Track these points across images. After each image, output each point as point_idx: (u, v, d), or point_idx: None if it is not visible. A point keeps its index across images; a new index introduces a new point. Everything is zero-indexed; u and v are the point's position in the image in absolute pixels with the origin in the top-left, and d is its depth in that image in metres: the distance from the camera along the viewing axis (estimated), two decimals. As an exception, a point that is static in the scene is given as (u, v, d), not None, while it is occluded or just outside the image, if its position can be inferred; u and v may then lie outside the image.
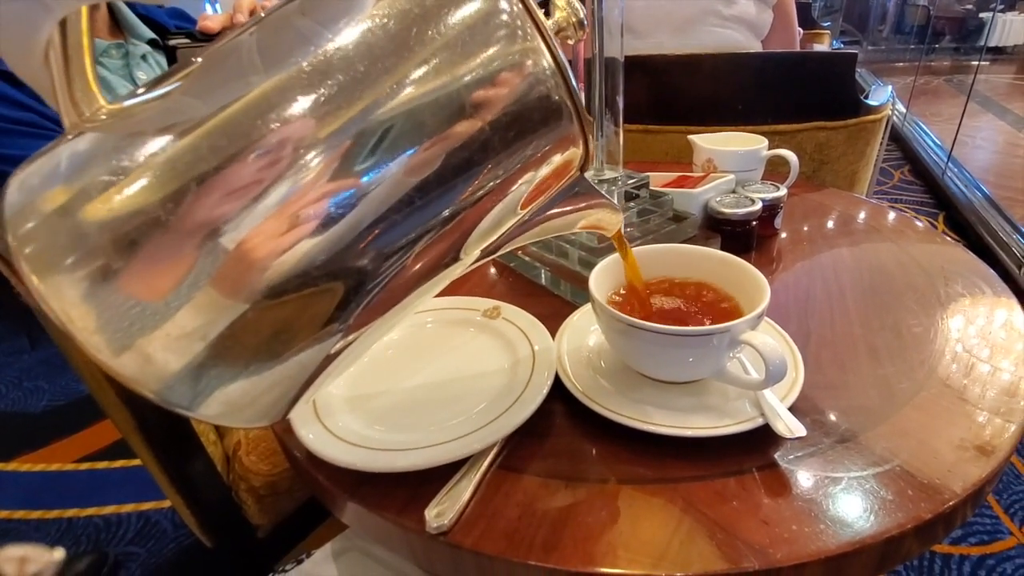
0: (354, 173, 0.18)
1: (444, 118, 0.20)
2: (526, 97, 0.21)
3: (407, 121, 0.19)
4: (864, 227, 0.66)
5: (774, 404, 0.35)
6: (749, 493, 0.33)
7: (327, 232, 0.18)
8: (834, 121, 0.98)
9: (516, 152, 0.21)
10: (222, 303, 0.18)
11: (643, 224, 0.58)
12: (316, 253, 0.18)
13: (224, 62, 0.20)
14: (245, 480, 0.72)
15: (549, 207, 0.26)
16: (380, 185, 0.19)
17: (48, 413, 1.63)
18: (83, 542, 1.20)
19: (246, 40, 0.20)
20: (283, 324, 0.19)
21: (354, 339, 0.22)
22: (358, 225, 0.19)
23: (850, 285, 0.53)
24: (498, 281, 0.60)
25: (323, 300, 0.20)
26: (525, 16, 0.21)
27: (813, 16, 2.74)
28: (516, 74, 0.20)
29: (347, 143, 0.18)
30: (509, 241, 0.27)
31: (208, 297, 0.18)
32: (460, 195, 0.21)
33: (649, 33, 1.10)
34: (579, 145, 0.24)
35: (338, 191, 0.18)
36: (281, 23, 0.20)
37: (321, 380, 0.23)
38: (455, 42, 0.20)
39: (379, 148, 0.19)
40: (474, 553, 0.31)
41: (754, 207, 0.57)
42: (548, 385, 0.39)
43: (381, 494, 0.34)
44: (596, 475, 0.35)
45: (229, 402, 0.20)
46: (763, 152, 0.66)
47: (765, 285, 0.37)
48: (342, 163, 0.18)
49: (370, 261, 0.20)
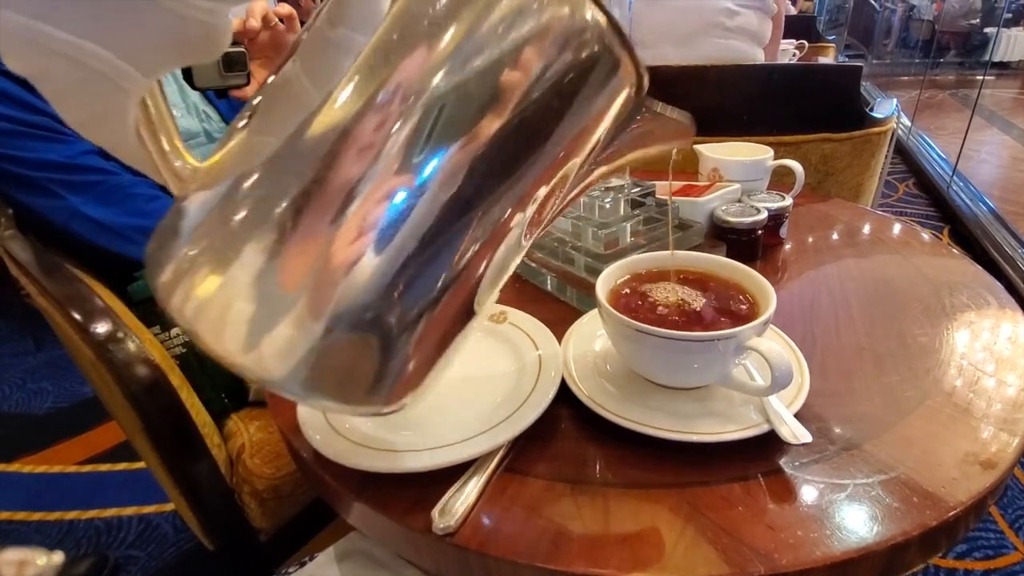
0: (434, 156, 0.19)
1: (502, 91, 0.19)
2: (571, 40, 0.20)
3: (463, 102, 0.19)
4: (869, 238, 0.67)
5: (780, 410, 0.36)
6: (754, 498, 0.33)
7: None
8: (839, 133, 0.98)
9: (575, 95, 0.21)
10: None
11: (649, 232, 0.59)
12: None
13: (280, 95, 0.21)
14: (248, 483, 0.72)
15: (621, 134, 0.25)
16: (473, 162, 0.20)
17: (52, 415, 1.64)
18: (84, 544, 1.20)
19: (291, 69, 0.21)
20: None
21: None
22: (458, 206, 0.20)
23: (855, 294, 0.54)
24: (505, 287, 0.60)
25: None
26: None
27: (818, 29, 2.76)
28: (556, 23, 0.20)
29: (415, 135, 0.19)
30: (597, 168, 0.26)
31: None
32: (544, 155, 0.21)
33: (653, 45, 1.11)
34: (630, 69, 0.22)
35: (419, 187, 0.19)
36: (317, 41, 0.21)
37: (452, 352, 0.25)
38: (485, 14, 0.19)
39: (446, 132, 0.19)
40: (480, 555, 0.31)
41: (760, 216, 0.58)
42: (554, 389, 0.39)
43: (387, 495, 0.35)
44: (601, 479, 0.35)
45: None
46: (769, 162, 0.67)
47: (771, 291, 0.38)
48: (413, 152, 0.19)
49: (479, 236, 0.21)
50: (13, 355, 1.94)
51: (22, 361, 1.90)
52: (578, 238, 0.59)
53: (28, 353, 1.94)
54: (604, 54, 0.21)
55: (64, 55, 0.16)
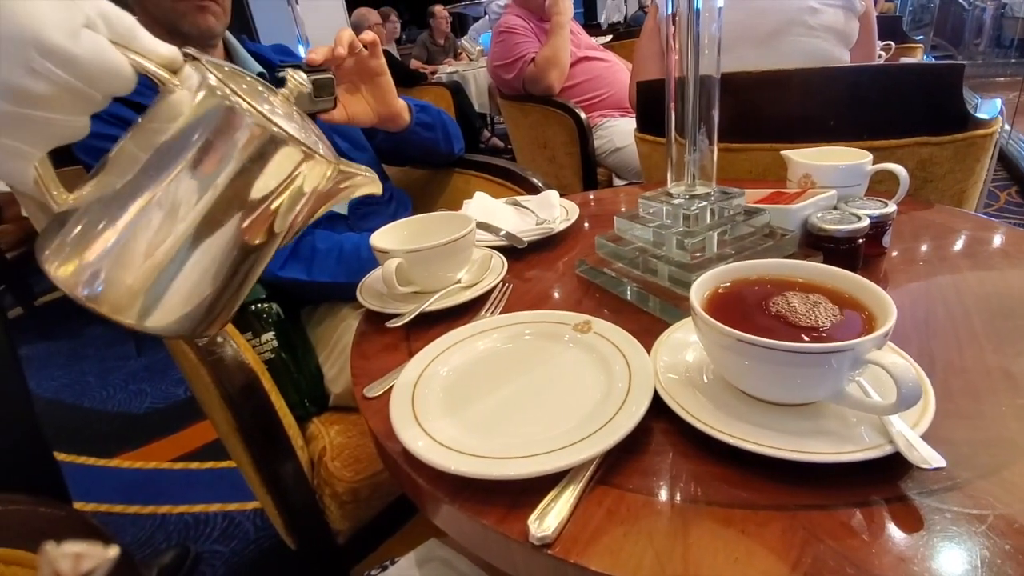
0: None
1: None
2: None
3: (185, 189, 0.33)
4: (987, 247, 0.61)
5: (905, 432, 0.33)
6: (879, 526, 0.30)
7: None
8: (940, 136, 0.91)
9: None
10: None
11: (737, 241, 0.56)
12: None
13: (117, 160, 0.34)
14: (330, 485, 0.74)
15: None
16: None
17: (149, 414, 1.78)
18: (173, 537, 1.29)
19: (124, 145, 0.34)
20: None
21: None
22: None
23: (976, 309, 0.49)
24: (584, 297, 0.60)
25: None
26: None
27: (904, 30, 2.59)
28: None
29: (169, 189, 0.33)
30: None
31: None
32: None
33: (730, 48, 1.07)
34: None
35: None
36: (147, 132, 0.34)
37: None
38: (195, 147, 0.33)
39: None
40: (579, 568, 0.30)
41: (860, 223, 0.54)
42: (648, 400, 0.38)
43: (480, 501, 0.34)
44: (703, 496, 0.33)
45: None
46: (867, 167, 0.63)
47: (889, 302, 0.35)
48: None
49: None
50: (117, 358, 2.12)
51: (124, 364, 2.08)
52: (660, 247, 0.58)
53: (130, 357, 2.12)
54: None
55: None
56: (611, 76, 1.90)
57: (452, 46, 5.13)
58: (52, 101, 0.30)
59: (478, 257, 0.65)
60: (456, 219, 0.64)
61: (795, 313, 0.37)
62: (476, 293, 0.59)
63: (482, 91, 4.04)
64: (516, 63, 1.84)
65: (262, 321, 0.80)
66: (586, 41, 1.98)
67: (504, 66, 1.88)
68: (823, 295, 0.39)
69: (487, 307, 0.59)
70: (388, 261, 0.56)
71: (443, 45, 5.11)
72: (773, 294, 0.40)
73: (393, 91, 0.88)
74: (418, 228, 0.64)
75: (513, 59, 1.85)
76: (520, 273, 0.67)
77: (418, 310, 0.55)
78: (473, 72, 4.04)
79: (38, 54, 0.28)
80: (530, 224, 0.77)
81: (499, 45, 1.89)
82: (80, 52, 0.29)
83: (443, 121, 1.03)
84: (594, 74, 1.88)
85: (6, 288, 2.44)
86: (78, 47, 0.29)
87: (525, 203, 0.83)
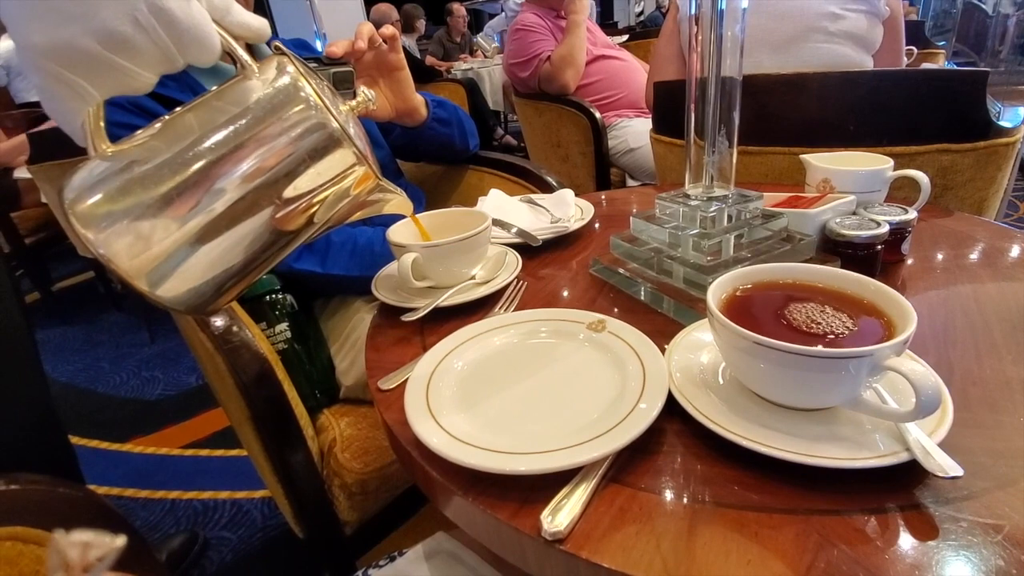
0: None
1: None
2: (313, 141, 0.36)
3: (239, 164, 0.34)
4: (1006, 257, 0.60)
5: (922, 439, 0.32)
6: (893, 533, 0.30)
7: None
8: (961, 144, 0.90)
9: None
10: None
11: (754, 244, 0.56)
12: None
13: (171, 126, 0.35)
14: (339, 476, 0.75)
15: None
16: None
17: (161, 401, 1.80)
18: (183, 522, 1.30)
19: (183, 115, 0.35)
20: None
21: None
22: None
23: (997, 319, 0.48)
24: (598, 296, 0.60)
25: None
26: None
27: (925, 34, 2.55)
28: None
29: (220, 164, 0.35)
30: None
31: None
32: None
33: (748, 52, 1.06)
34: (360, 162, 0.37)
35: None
36: (209, 102, 0.36)
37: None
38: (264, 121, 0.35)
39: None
40: (591, 564, 0.30)
41: (880, 230, 0.53)
42: (662, 400, 0.38)
43: (493, 496, 0.35)
44: (716, 498, 0.33)
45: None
46: (888, 172, 0.62)
47: (909, 308, 0.35)
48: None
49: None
50: (131, 345, 2.15)
51: (138, 351, 2.10)
52: (676, 248, 0.58)
53: (144, 344, 2.15)
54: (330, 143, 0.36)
55: (62, 81, 0.32)
56: (627, 75, 1.89)
57: (468, 43, 5.14)
58: (140, 54, 0.31)
59: (493, 254, 0.65)
60: (472, 215, 0.64)
61: (813, 318, 0.37)
62: (490, 289, 0.59)
63: (496, 88, 4.04)
64: (532, 61, 1.84)
65: (276, 311, 0.81)
66: (602, 39, 1.98)
67: (519, 64, 1.88)
68: (842, 300, 0.39)
69: (501, 304, 0.59)
70: (404, 255, 0.56)
71: (459, 42, 5.12)
72: (792, 298, 0.40)
73: (411, 86, 0.89)
74: (434, 223, 0.65)
75: (529, 57, 1.84)
76: (534, 271, 0.67)
77: (433, 304, 0.56)
78: (488, 69, 4.04)
79: (147, 8, 0.29)
80: (544, 222, 0.77)
81: (515, 43, 1.89)
82: (183, 17, 0.31)
83: (459, 117, 1.03)
84: (610, 73, 1.87)
85: (24, 273, 2.48)
86: (184, 12, 0.31)
87: (540, 201, 0.83)
